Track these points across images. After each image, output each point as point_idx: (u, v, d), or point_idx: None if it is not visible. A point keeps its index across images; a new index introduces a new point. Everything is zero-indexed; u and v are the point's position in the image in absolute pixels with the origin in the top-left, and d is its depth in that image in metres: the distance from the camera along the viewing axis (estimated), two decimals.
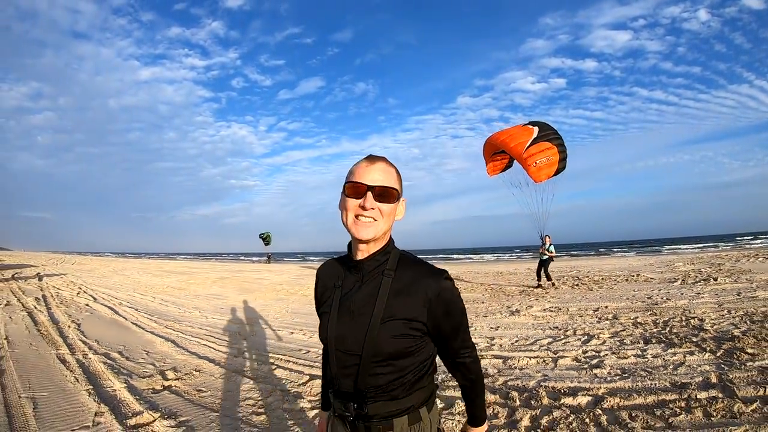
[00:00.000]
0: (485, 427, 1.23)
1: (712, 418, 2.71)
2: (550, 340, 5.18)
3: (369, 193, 1.01)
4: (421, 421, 1.05)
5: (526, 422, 2.81)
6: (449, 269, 1.12)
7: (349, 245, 1.12)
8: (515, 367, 4.15)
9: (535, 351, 4.71)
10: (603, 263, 18.52)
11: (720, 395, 3.06)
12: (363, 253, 1.07)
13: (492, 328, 6.13)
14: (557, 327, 5.92)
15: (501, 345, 5.08)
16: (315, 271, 1.52)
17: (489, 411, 3.11)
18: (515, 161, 8.79)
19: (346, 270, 1.13)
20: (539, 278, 10.88)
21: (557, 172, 8.03)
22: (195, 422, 3.20)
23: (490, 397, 3.37)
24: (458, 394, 3.38)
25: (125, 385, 4.00)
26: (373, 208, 1.01)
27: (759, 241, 45.45)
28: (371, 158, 1.07)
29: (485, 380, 3.79)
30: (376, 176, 1.03)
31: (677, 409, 2.87)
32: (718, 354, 4.08)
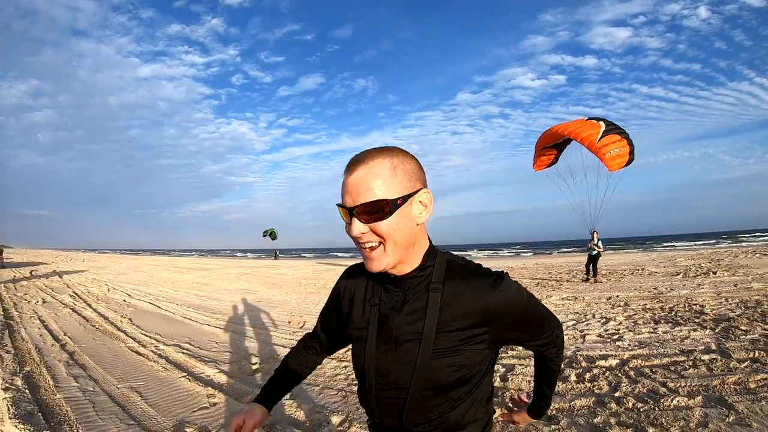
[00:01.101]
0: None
1: (714, 371, 3.61)
2: (574, 322, 6.07)
3: (354, 219, 0.79)
4: None
5: (573, 378, 3.70)
6: None
7: None
8: (566, 337, 5.04)
9: (571, 326, 5.61)
10: (607, 258, 19.44)
11: (719, 357, 3.95)
12: (399, 270, 0.87)
13: None
14: (577, 312, 6.82)
15: None
16: (333, 267, 1.02)
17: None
18: (559, 158, 9.51)
19: (381, 284, 0.92)
20: (588, 272, 11.33)
21: (628, 163, 8.41)
22: (305, 394, 3.57)
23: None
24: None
25: (218, 370, 4.23)
26: (364, 233, 0.80)
27: (759, 238, 46.42)
28: (349, 165, 0.81)
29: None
30: (355, 191, 0.79)
31: (686, 366, 3.77)
32: (716, 330, 4.97)
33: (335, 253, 63.70)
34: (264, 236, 36.96)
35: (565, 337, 5.21)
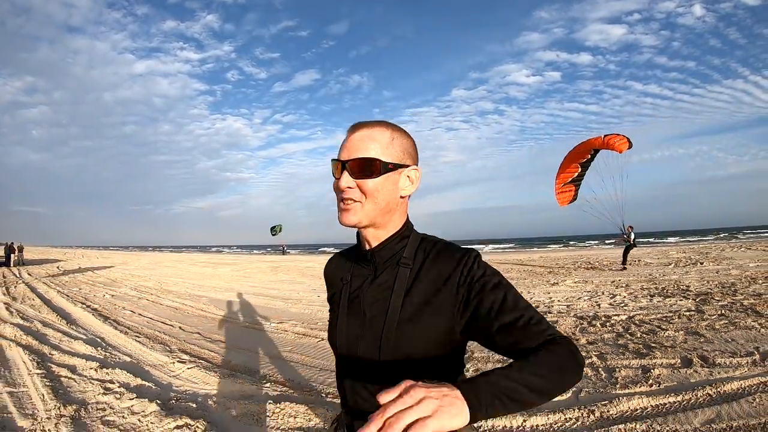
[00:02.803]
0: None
1: (692, 320, 5.34)
2: (588, 297, 7.79)
3: (344, 172, 0.83)
4: None
5: (599, 324, 5.40)
6: None
7: (358, 234, 0.93)
8: (576, 308, 6.76)
9: (582, 301, 7.34)
10: (606, 252, 21.28)
11: (696, 314, 5.68)
12: (373, 240, 0.89)
13: (545, 293, 8.74)
14: (588, 291, 8.54)
15: (559, 300, 7.68)
16: None
17: (576, 326, 5.69)
18: (579, 190, 11.57)
19: (355, 262, 0.95)
20: (624, 262, 13.10)
21: (630, 146, 10.37)
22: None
23: (569, 320, 5.95)
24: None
25: None
26: (350, 187, 0.83)
27: (749, 233, 48.52)
28: (353, 126, 0.87)
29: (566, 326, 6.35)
30: (352, 147, 0.84)
31: (674, 318, 5.50)
32: (697, 300, 6.71)
33: (324, 249, 65.12)
34: (274, 234, 37.43)
35: (585, 305, 6.92)
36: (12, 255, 21.78)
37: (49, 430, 2.84)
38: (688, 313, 5.74)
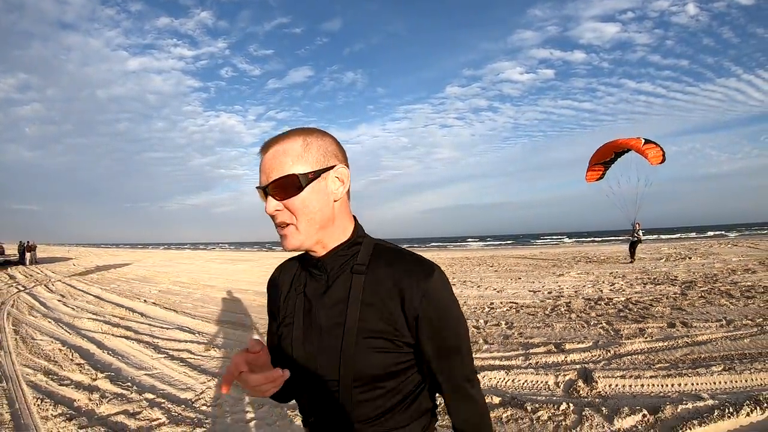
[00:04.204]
0: None
1: (676, 300, 6.69)
2: (591, 285, 9.13)
3: (269, 198, 0.78)
4: None
5: (603, 303, 6.73)
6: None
7: None
8: (582, 293, 8.09)
9: (587, 288, 8.67)
10: (601, 248, 22.75)
11: (680, 296, 7.03)
12: (321, 249, 0.83)
13: (554, 282, 10.07)
14: (591, 281, 9.88)
15: (567, 287, 9.01)
16: None
17: (586, 305, 7.02)
18: (607, 172, 12.79)
19: (306, 270, 0.88)
20: (632, 255, 14.51)
21: (662, 161, 11.69)
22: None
23: (579, 301, 7.27)
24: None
25: None
26: (278, 210, 0.78)
27: (739, 231, 49.96)
28: (264, 146, 0.81)
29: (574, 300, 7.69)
30: (268, 169, 0.79)
31: (662, 299, 6.85)
32: (682, 287, 8.07)
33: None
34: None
35: (591, 291, 8.25)
36: (27, 253, 22.00)
37: (212, 397, 3.51)
38: (674, 296, 7.08)
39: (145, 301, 9.06)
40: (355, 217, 0.89)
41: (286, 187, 0.77)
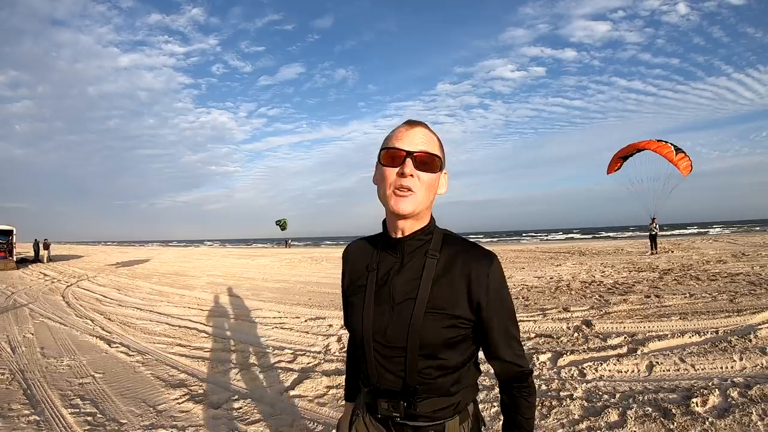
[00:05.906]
0: None
1: (654, 282, 8.31)
2: (585, 272, 10.73)
3: (408, 160, 0.88)
4: (470, 418, 0.98)
5: (595, 285, 8.32)
6: None
7: (384, 223, 1.00)
8: (578, 278, 9.68)
9: (582, 274, 10.27)
10: (592, 244, 24.55)
11: (658, 279, 8.65)
12: (403, 231, 0.94)
13: (553, 270, 11.66)
14: (585, 269, 11.48)
15: (565, 274, 10.59)
16: None
17: (582, 285, 8.62)
18: (623, 165, 14.35)
19: (382, 250, 1.00)
20: (653, 247, 16.26)
21: (690, 172, 13.15)
22: None
23: (576, 283, 8.84)
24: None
25: None
26: (412, 176, 0.88)
27: (725, 227, 51.37)
28: (410, 122, 0.95)
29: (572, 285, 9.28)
30: (416, 141, 0.90)
31: (643, 282, 8.47)
32: (661, 273, 9.70)
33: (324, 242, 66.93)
34: (283, 229, 39.67)
35: (585, 276, 9.84)
36: (44, 251, 22.31)
37: (318, 359, 5.42)
38: (653, 279, 8.71)
39: (204, 291, 10.33)
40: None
41: (429, 162, 0.90)
